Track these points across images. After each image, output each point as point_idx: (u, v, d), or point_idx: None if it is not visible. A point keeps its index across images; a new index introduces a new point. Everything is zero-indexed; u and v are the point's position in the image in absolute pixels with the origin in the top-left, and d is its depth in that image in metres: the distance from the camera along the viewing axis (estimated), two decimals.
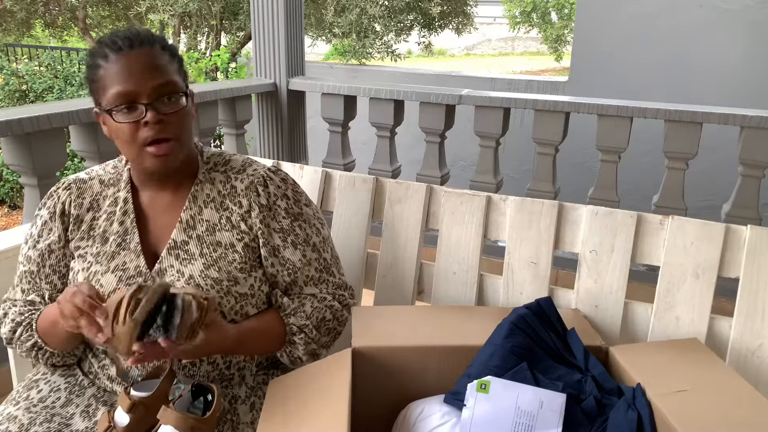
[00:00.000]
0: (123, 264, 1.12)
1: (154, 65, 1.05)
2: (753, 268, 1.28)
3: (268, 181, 1.18)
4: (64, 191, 1.19)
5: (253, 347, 1.15)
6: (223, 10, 7.73)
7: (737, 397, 1.04)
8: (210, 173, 1.19)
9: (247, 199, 1.16)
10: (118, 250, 1.13)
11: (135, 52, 1.04)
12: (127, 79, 1.03)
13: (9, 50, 9.04)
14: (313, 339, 1.16)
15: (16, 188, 6.01)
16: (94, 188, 1.19)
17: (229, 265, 1.12)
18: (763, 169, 2.59)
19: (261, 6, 2.98)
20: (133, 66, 1.03)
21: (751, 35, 4.19)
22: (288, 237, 1.18)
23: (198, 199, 1.16)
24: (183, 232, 1.14)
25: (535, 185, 2.92)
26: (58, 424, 1.08)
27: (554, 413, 1.02)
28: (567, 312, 1.33)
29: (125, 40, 1.05)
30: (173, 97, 1.06)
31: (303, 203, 1.22)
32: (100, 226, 1.16)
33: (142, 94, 1.03)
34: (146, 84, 1.03)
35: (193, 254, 1.12)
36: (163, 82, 1.05)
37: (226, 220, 1.15)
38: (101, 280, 1.11)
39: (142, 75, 1.03)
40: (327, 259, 1.23)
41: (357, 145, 3.46)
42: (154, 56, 1.06)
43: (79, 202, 1.18)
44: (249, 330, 1.11)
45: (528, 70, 13.86)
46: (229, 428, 1.11)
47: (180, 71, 1.11)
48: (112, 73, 1.04)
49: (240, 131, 3.05)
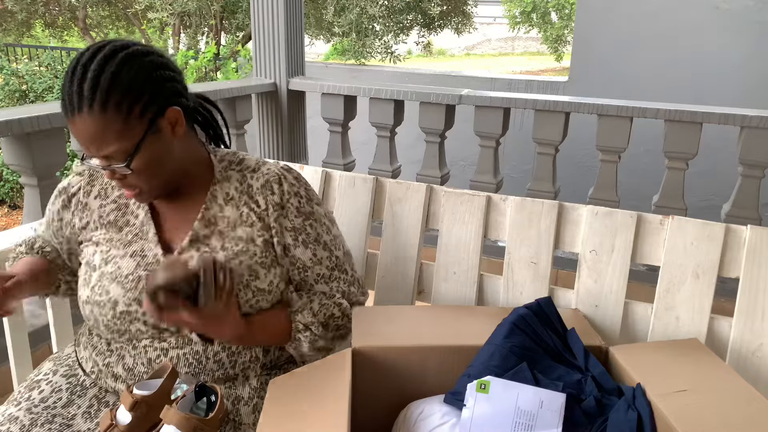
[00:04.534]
0: (141, 250, 1.14)
1: (94, 135, 0.99)
2: (753, 268, 1.28)
3: (282, 179, 1.19)
4: (77, 177, 1.22)
5: (260, 337, 1.16)
6: (223, 10, 7.74)
7: (737, 397, 1.04)
8: (226, 171, 1.20)
9: (263, 197, 1.17)
10: (135, 239, 1.15)
11: (76, 120, 0.98)
12: (80, 144, 1.02)
13: (9, 50, 9.03)
14: (319, 336, 1.17)
15: (16, 188, 6.01)
16: (105, 177, 1.20)
17: (250, 259, 1.14)
18: (763, 169, 2.59)
19: (261, 6, 2.98)
20: (77, 132, 1.00)
21: (751, 35, 4.19)
22: (299, 236, 1.19)
23: (218, 198, 1.17)
24: (205, 228, 1.15)
25: (535, 185, 2.93)
26: (59, 425, 1.08)
27: (554, 413, 1.02)
28: (567, 312, 1.33)
29: (67, 103, 0.99)
30: (120, 165, 1.02)
31: (315, 202, 1.23)
32: (109, 214, 1.18)
33: (95, 158, 1.03)
34: (94, 152, 1.02)
35: (215, 248, 1.13)
36: (108, 152, 1.01)
37: (247, 215, 1.16)
38: (120, 263, 1.12)
39: (87, 144, 1.00)
40: (339, 256, 1.24)
41: (357, 145, 3.46)
42: (94, 124, 0.98)
43: (88, 189, 1.20)
44: (258, 319, 1.13)
45: (528, 70, 13.86)
46: (231, 429, 1.11)
47: (134, 122, 1.00)
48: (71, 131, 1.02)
49: (240, 131, 3.05)
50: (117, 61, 0.99)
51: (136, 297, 1.10)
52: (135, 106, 1.00)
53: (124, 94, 0.98)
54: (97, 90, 0.96)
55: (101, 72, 0.97)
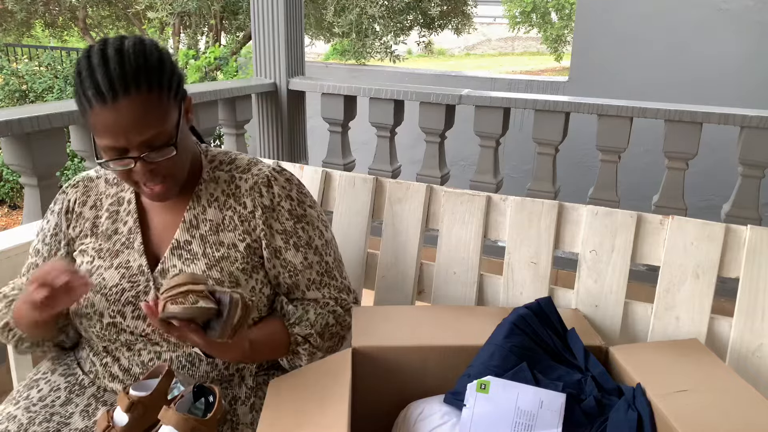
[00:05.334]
0: (126, 262, 1.13)
1: (141, 117, 0.96)
2: (753, 268, 1.28)
3: (272, 181, 1.17)
4: (72, 189, 1.20)
5: (261, 355, 1.14)
6: (223, 10, 7.74)
7: (737, 397, 1.04)
8: (214, 172, 1.18)
9: (251, 199, 1.15)
10: (122, 249, 1.14)
11: (121, 103, 0.95)
12: (111, 134, 0.97)
13: (9, 50, 9.04)
14: (317, 347, 1.15)
15: (16, 188, 6.01)
16: (99, 187, 1.20)
17: (231, 265, 1.12)
18: (763, 169, 2.59)
19: (261, 6, 2.98)
20: (118, 119, 0.95)
21: (751, 35, 4.20)
22: (290, 239, 1.17)
23: (201, 199, 1.16)
24: (186, 232, 1.14)
25: (535, 185, 2.93)
26: (57, 423, 1.08)
27: (554, 413, 1.02)
28: (567, 312, 1.33)
29: (108, 87, 0.94)
30: (163, 148, 1.01)
31: (307, 204, 1.21)
32: (103, 224, 1.17)
33: (131, 149, 0.99)
34: (134, 140, 0.97)
35: (196, 254, 1.12)
36: (152, 135, 0.98)
37: (230, 219, 1.15)
38: (104, 275, 1.12)
39: (129, 131, 0.96)
40: (329, 262, 1.22)
41: (357, 145, 3.46)
42: (142, 105, 0.96)
43: (84, 200, 1.19)
44: (258, 338, 1.10)
45: (528, 70, 13.86)
46: (229, 429, 1.11)
47: (172, 105, 1.02)
48: (96, 122, 0.97)
49: (240, 131, 3.05)
50: (150, 46, 1.01)
51: (120, 309, 1.09)
52: (172, 87, 1.02)
53: (165, 74, 1.00)
54: (142, 70, 0.97)
55: (142, 54, 0.98)
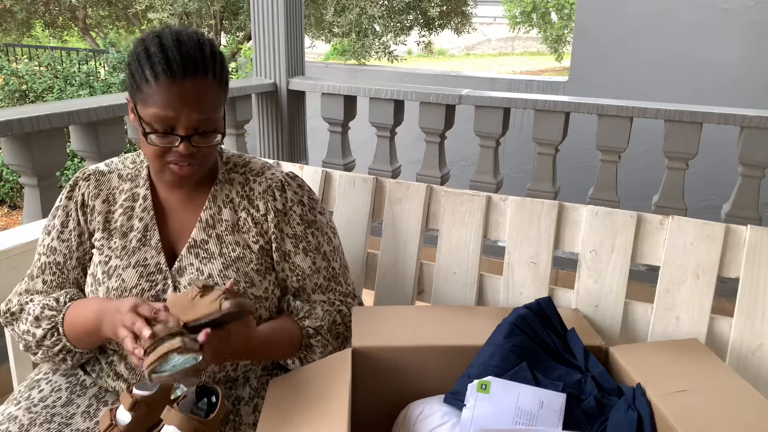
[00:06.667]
0: (144, 260, 1.13)
1: (201, 100, 1.01)
2: (753, 268, 1.28)
3: (285, 186, 1.19)
4: (84, 182, 1.19)
5: (272, 352, 1.14)
6: (223, 10, 7.74)
7: (737, 397, 1.04)
8: (229, 174, 1.20)
9: (264, 202, 1.17)
10: (139, 246, 1.14)
11: (187, 83, 1.00)
12: (171, 108, 1.00)
13: (9, 50, 9.03)
14: (328, 341, 1.16)
15: (16, 188, 6.01)
16: (112, 182, 1.20)
17: (246, 266, 1.13)
18: (763, 169, 2.59)
19: (261, 6, 2.98)
20: (182, 97, 0.99)
21: (751, 35, 4.20)
22: (300, 243, 1.18)
23: (217, 199, 1.17)
24: (203, 231, 1.15)
25: (535, 185, 2.93)
26: (58, 424, 1.08)
27: (554, 413, 1.02)
28: (567, 312, 1.33)
29: (180, 66, 0.99)
30: (209, 135, 1.05)
31: (318, 211, 1.23)
32: (117, 219, 1.16)
33: (181, 126, 1.01)
34: (188, 117, 1.00)
35: (213, 253, 1.13)
36: (205, 118, 1.02)
37: (244, 221, 1.16)
38: (123, 275, 1.12)
39: (187, 107, 1.00)
40: (336, 268, 1.23)
41: (357, 145, 3.46)
42: (205, 90, 1.02)
43: (96, 193, 1.18)
44: (268, 334, 1.10)
45: (528, 70, 13.86)
46: (232, 429, 1.11)
47: (223, 97, 1.08)
48: (157, 95, 1.00)
49: (240, 131, 3.05)
50: (216, 43, 1.07)
51: None
52: (227, 83, 1.10)
53: (225, 70, 1.09)
54: (215, 58, 1.05)
55: (213, 46, 1.06)
